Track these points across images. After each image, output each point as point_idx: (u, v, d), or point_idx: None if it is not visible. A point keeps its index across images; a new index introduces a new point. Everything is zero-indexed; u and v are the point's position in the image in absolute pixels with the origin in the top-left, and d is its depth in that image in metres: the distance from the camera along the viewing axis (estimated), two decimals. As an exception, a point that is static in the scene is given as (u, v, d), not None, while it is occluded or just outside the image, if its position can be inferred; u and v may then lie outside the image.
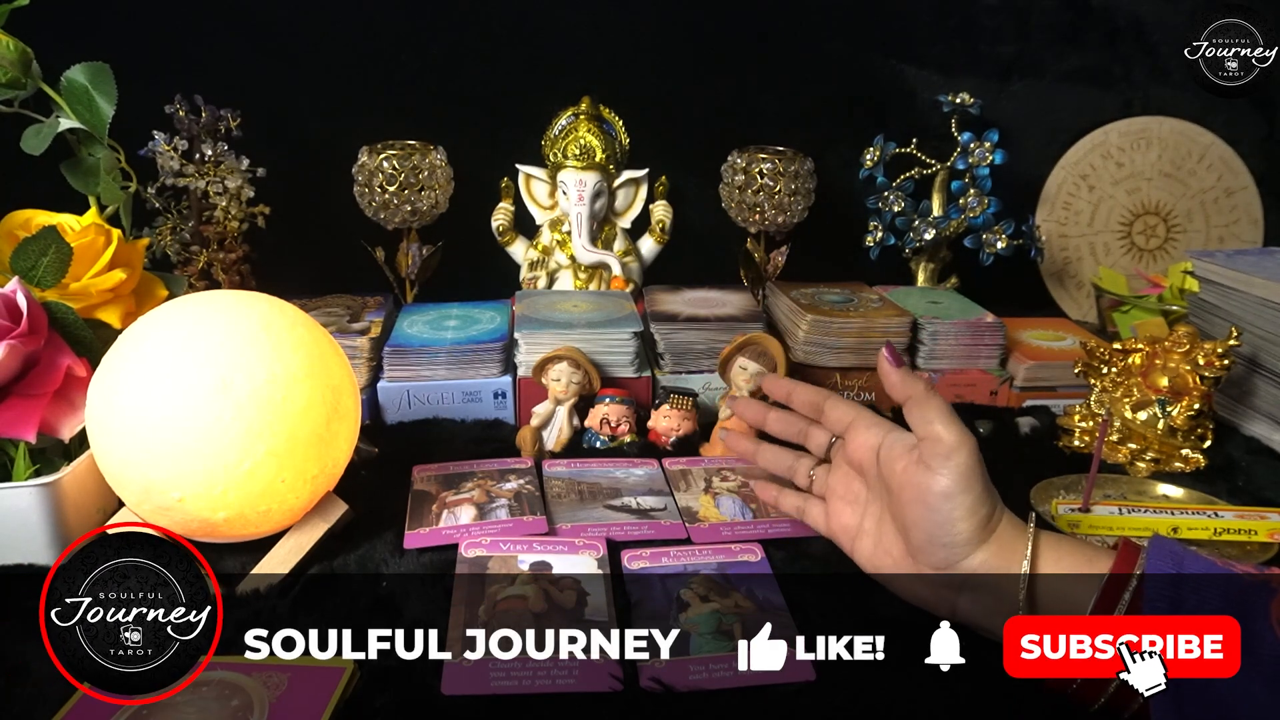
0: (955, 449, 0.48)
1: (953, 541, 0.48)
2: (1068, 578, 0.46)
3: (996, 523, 0.49)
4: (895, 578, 0.52)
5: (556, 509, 0.65)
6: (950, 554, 0.49)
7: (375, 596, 0.54)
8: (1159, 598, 0.42)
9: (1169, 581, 0.43)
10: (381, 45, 1.04)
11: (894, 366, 0.53)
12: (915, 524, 0.50)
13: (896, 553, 0.52)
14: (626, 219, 1.03)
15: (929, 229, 1.01)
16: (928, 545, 0.49)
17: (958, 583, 0.49)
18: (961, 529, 0.48)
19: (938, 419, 0.49)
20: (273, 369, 0.52)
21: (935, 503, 0.49)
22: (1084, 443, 0.78)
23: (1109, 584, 0.45)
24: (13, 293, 0.58)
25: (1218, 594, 0.42)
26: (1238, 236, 1.17)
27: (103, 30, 0.96)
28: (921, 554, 0.50)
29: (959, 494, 0.48)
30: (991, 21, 1.11)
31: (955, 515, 0.48)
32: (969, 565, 0.48)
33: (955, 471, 0.48)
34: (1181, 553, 0.45)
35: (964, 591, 0.49)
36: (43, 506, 0.56)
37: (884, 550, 0.53)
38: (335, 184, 0.99)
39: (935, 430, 0.49)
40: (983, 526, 0.48)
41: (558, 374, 0.76)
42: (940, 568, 0.49)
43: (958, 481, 0.48)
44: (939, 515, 0.48)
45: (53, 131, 0.69)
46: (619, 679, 0.47)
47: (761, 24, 1.08)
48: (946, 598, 0.50)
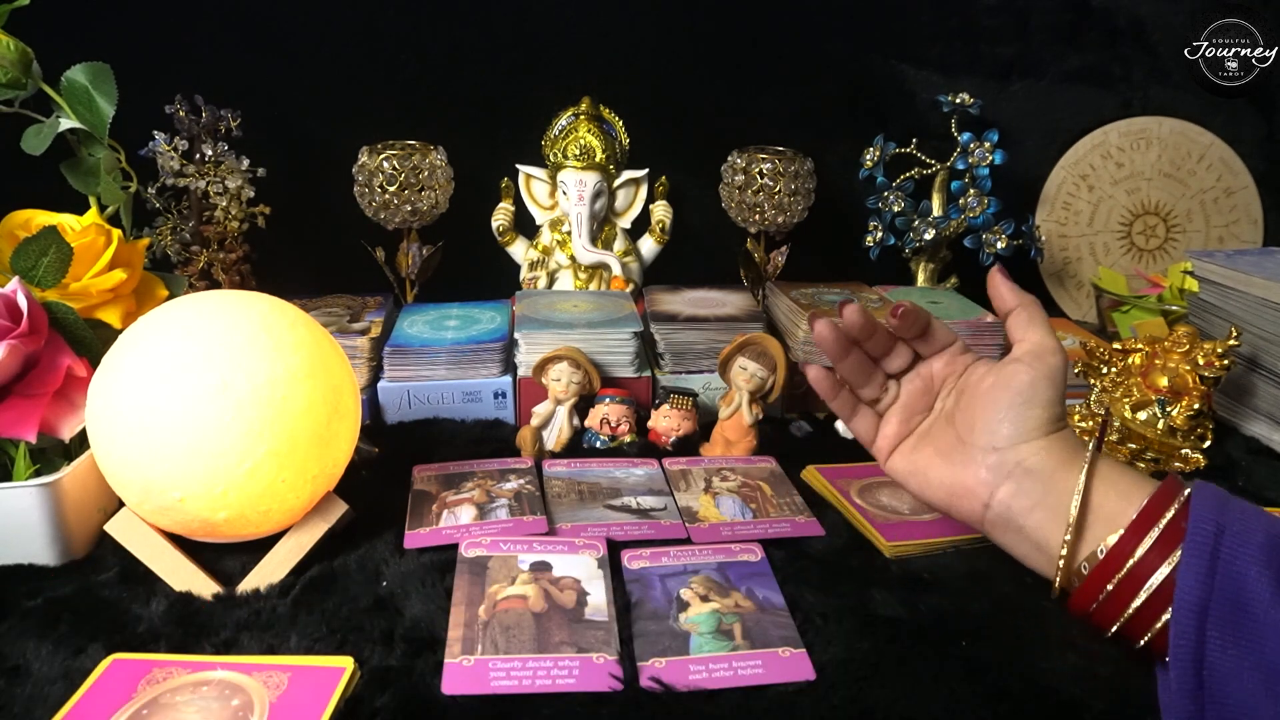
0: (1053, 351, 0.52)
1: (1022, 421, 0.51)
2: (1114, 487, 0.49)
3: (1061, 428, 0.52)
4: (934, 466, 0.55)
5: (556, 509, 0.65)
6: (1016, 431, 0.51)
7: (375, 596, 0.54)
8: (1204, 519, 0.43)
9: (1216, 506, 0.44)
10: (381, 45, 1.04)
11: (1005, 280, 0.56)
12: (993, 402, 0.52)
13: (944, 443, 0.55)
14: (626, 219, 1.03)
15: (929, 229, 1.01)
16: (997, 422, 0.52)
17: (1008, 468, 0.51)
18: (1034, 412, 0.51)
19: (1042, 326, 0.54)
20: (273, 369, 0.52)
21: (1019, 385, 0.52)
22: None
23: (1152, 501, 0.47)
24: (13, 293, 0.58)
25: (1260, 527, 0.43)
26: (1238, 236, 1.17)
27: (103, 30, 0.96)
28: (987, 432, 0.52)
29: (1042, 384, 0.51)
30: (991, 21, 1.11)
31: (1035, 398, 0.51)
32: (1028, 449, 0.51)
33: (1046, 367, 0.52)
34: (1228, 494, 0.46)
35: (1010, 479, 0.51)
36: (43, 506, 0.56)
37: (930, 444, 0.56)
38: (335, 184, 0.99)
39: (1038, 334, 0.53)
40: (1052, 419, 0.51)
41: (558, 374, 0.76)
42: (1000, 445, 0.51)
43: (1045, 375, 0.52)
44: (1019, 396, 0.51)
45: (53, 131, 0.69)
46: (619, 679, 0.47)
47: (761, 24, 1.08)
48: (988, 483, 0.51)
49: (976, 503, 0.52)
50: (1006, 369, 0.53)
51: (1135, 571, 0.45)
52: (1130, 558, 0.45)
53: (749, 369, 0.75)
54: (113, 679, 0.46)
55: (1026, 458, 0.51)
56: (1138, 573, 0.45)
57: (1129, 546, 0.46)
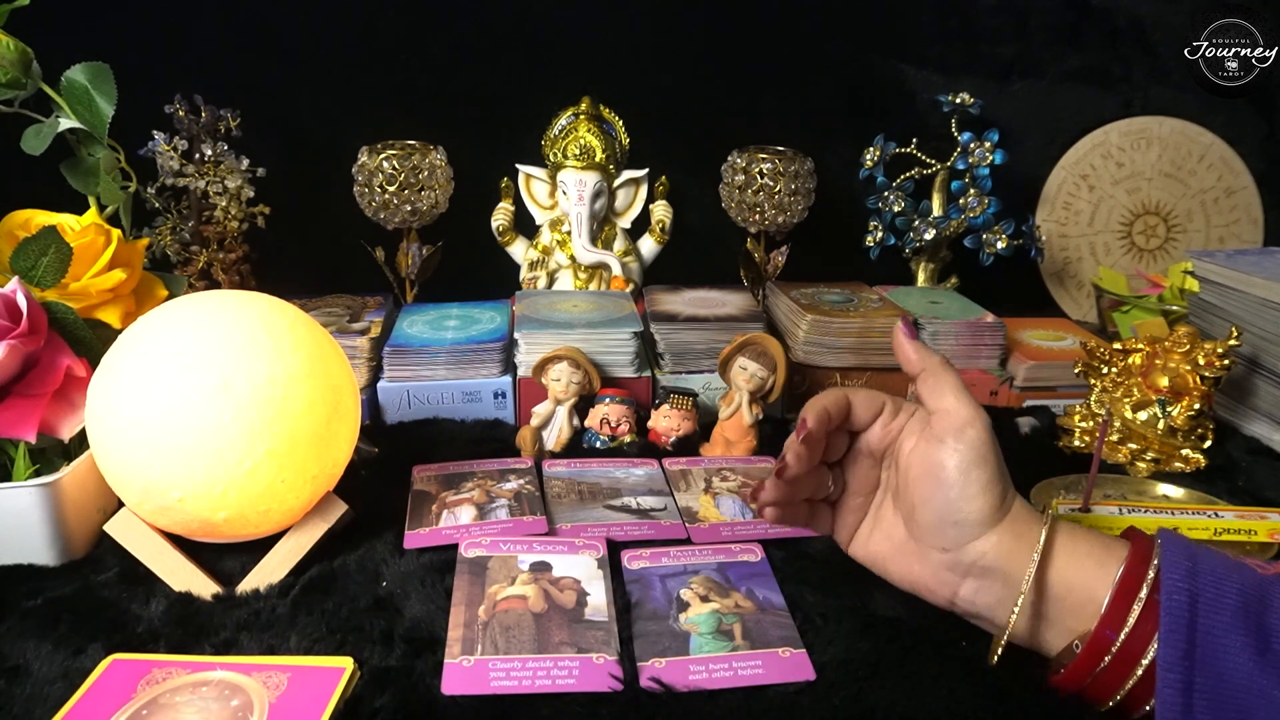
0: (969, 422, 0.47)
1: (964, 520, 0.47)
2: (1081, 569, 0.45)
3: (1009, 507, 0.47)
4: (894, 560, 0.51)
5: (556, 509, 0.65)
6: (961, 533, 0.47)
7: (375, 596, 0.54)
8: (1176, 590, 0.41)
9: (1186, 573, 0.41)
10: (381, 45, 1.04)
11: (909, 339, 0.51)
12: (926, 500, 0.48)
13: (897, 537, 0.51)
14: (626, 219, 1.03)
15: (929, 229, 1.01)
16: (938, 524, 0.48)
17: (963, 567, 0.47)
18: (974, 506, 0.46)
19: (951, 392, 0.48)
20: (273, 369, 0.52)
21: (948, 477, 0.47)
22: (1084, 443, 0.77)
23: (1124, 576, 0.43)
24: (13, 293, 0.58)
25: (1234, 589, 0.41)
26: (1238, 236, 1.17)
27: (103, 30, 0.96)
28: (930, 533, 0.48)
29: (972, 468, 0.46)
30: (991, 21, 1.11)
31: (969, 491, 0.46)
32: (979, 548, 0.47)
33: (969, 445, 0.47)
34: (1194, 547, 0.43)
35: (969, 577, 0.48)
36: (43, 506, 0.56)
37: (883, 535, 0.52)
38: (335, 184, 0.99)
39: (948, 403, 0.48)
40: (996, 508, 0.47)
41: (558, 374, 0.76)
42: (949, 547, 0.47)
43: (971, 456, 0.47)
44: (951, 491, 0.47)
45: (53, 131, 0.69)
46: (619, 679, 0.47)
47: (761, 24, 1.08)
48: (948, 582, 0.48)
49: (941, 599, 0.49)
50: (932, 454, 0.48)
51: (1123, 654, 0.42)
52: (1113, 644, 0.42)
53: (749, 369, 0.75)
54: (112, 679, 0.46)
55: (979, 557, 0.47)
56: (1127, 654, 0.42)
57: (1112, 628, 0.43)
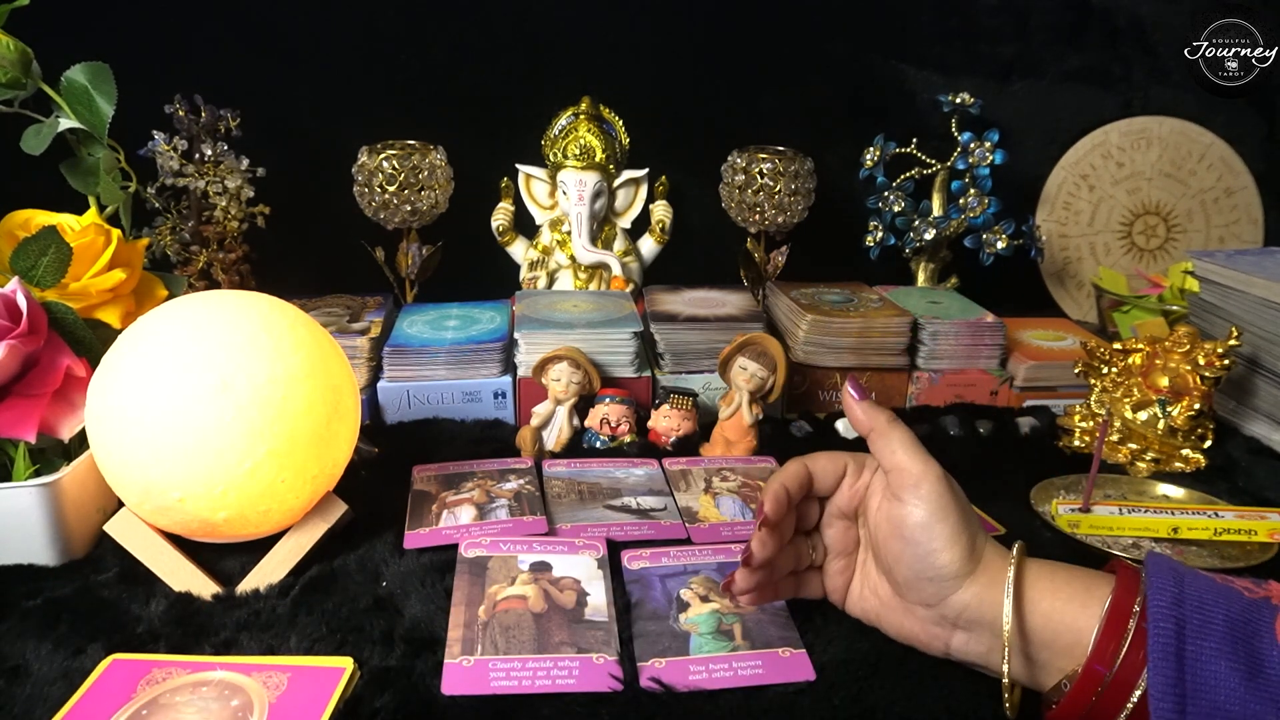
0: (921, 478, 0.47)
1: (938, 575, 0.46)
2: (1065, 612, 0.44)
3: (981, 552, 0.47)
4: (885, 616, 0.51)
5: (556, 509, 0.65)
6: (938, 588, 0.46)
7: (375, 597, 0.54)
8: (1163, 617, 0.41)
9: (1172, 600, 0.41)
10: (381, 45, 1.04)
11: (857, 399, 0.51)
12: (897, 560, 0.48)
13: (884, 593, 0.51)
14: (626, 219, 1.03)
15: (929, 229, 1.01)
16: (914, 581, 0.47)
17: (950, 620, 0.47)
18: (944, 560, 0.46)
19: (900, 449, 0.48)
20: (273, 369, 0.52)
21: (912, 535, 0.46)
22: (1084, 443, 0.78)
23: (1111, 611, 0.43)
24: (13, 293, 0.58)
25: (1220, 614, 0.41)
26: (1238, 236, 1.17)
27: (103, 30, 0.96)
28: (910, 591, 0.48)
29: (935, 523, 0.46)
30: (991, 21, 1.11)
31: (935, 546, 0.46)
32: (960, 600, 0.46)
33: (926, 501, 0.46)
34: (1182, 571, 0.43)
35: (957, 629, 0.47)
36: (43, 506, 0.56)
37: (870, 591, 0.52)
38: (335, 184, 0.99)
39: (899, 460, 0.48)
40: (967, 557, 0.46)
41: (558, 374, 0.76)
42: (931, 603, 0.47)
43: (931, 511, 0.46)
44: (919, 548, 0.46)
45: (53, 131, 0.69)
46: (619, 679, 0.47)
47: (761, 24, 1.08)
48: (939, 635, 0.48)
49: (936, 650, 0.48)
50: (894, 513, 0.48)
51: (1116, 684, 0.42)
52: (1104, 677, 0.42)
53: (749, 369, 0.75)
54: (112, 679, 0.46)
55: (963, 609, 0.46)
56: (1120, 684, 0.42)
57: (1102, 663, 0.42)
